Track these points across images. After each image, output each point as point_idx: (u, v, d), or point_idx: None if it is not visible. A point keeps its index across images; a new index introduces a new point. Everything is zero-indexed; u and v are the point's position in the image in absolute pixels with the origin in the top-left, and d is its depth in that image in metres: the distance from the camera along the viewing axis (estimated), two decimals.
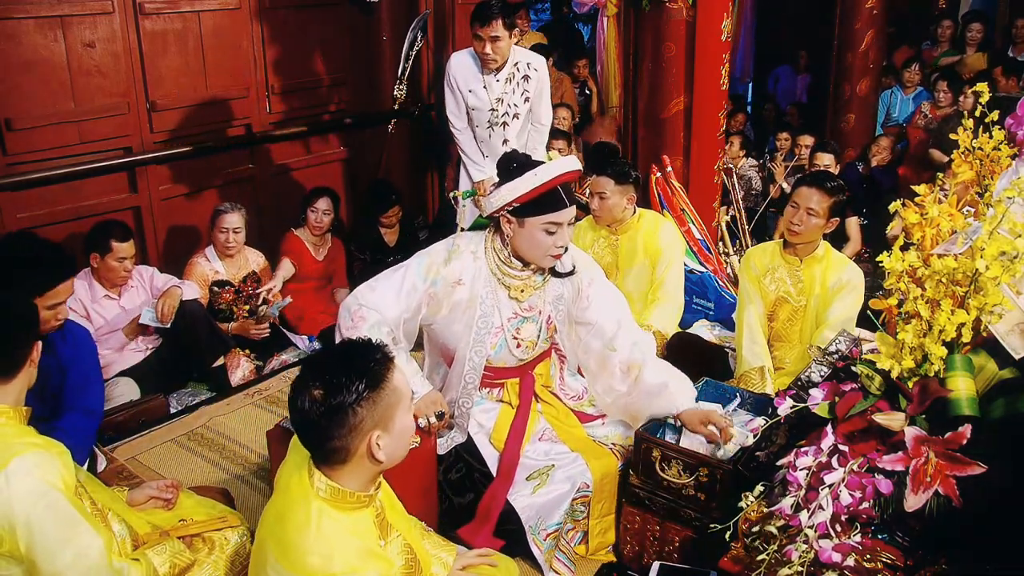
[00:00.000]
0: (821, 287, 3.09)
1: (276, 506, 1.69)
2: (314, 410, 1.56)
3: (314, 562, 1.56)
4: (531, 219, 2.36)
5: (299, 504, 1.63)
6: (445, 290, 2.47)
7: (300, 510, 1.62)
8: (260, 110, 4.53)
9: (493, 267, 2.50)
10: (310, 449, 1.64)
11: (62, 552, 1.70)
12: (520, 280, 2.51)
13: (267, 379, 3.86)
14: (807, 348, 2.89)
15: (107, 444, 3.19)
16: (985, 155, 2.12)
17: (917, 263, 1.84)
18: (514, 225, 2.40)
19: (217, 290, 3.99)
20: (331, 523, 1.61)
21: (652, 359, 2.62)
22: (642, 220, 3.61)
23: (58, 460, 1.79)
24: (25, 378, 1.93)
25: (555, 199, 2.35)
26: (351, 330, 2.40)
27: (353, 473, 1.65)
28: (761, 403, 2.67)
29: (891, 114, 6.53)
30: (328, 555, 1.57)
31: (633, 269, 3.63)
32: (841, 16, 5.92)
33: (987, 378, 1.81)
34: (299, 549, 1.58)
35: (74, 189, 3.83)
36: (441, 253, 2.51)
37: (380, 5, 4.88)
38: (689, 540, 2.42)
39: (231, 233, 4.01)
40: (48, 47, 3.64)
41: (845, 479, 1.81)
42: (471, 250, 2.50)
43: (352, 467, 1.64)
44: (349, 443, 1.59)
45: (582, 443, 2.61)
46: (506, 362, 2.60)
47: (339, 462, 1.62)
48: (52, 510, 1.71)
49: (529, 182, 2.32)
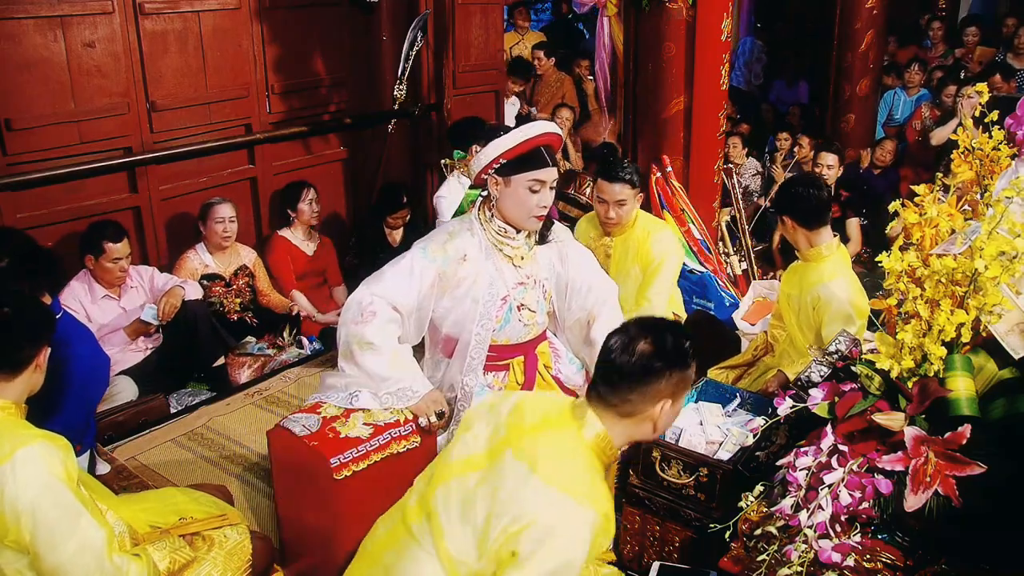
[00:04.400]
0: (796, 286, 3.04)
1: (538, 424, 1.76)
2: (635, 362, 1.66)
3: (580, 486, 1.64)
4: (516, 176, 2.46)
5: (566, 436, 1.72)
6: (452, 268, 2.52)
7: (568, 442, 1.71)
8: (260, 110, 4.53)
9: (491, 237, 2.57)
10: (605, 389, 1.71)
11: (65, 543, 1.71)
12: (516, 247, 2.59)
13: (267, 379, 3.86)
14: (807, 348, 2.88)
15: (107, 444, 3.19)
16: (985, 155, 2.12)
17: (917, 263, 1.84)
18: (500, 185, 2.49)
19: (207, 283, 4.00)
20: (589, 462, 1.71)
21: (605, 314, 2.73)
22: (636, 224, 3.51)
23: (61, 451, 1.80)
24: (28, 381, 1.92)
25: (539, 157, 2.46)
26: (359, 324, 2.41)
27: (625, 432, 1.73)
28: (761, 403, 2.67)
29: (893, 115, 6.53)
30: (593, 488, 1.66)
31: (622, 273, 3.55)
32: (841, 16, 5.92)
33: (987, 378, 1.81)
34: (566, 472, 1.66)
35: (74, 189, 3.83)
36: (440, 236, 2.59)
37: (380, 5, 4.87)
38: (689, 540, 2.42)
39: (227, 223, 4.03)
40: (48, 47, 3.64)
41: (845, 479, 1.81)
42: (466, 228, 2.59)
43: (628, 425, 1.72)
44: (643, 404, 1.69)
45: None
46: (510, 337, 2.63)
47: (624, 415, 1.71)
48: (57, 501, 1.72)
49: (516, 137, 2.44)
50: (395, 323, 2.46)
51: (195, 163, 4.29)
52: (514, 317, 2.60)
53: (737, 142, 5.97)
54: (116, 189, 4.01)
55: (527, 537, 1.57)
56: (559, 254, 2.72)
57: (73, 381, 2.57)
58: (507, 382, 2.66)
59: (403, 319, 2.49)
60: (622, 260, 3.56)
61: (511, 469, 1.69)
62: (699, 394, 2.78)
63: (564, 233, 2.81)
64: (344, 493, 2.23)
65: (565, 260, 2.73)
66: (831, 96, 6.15)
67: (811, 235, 2.95)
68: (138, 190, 4.06)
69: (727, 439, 2.47)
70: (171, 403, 3.62)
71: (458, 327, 2.56)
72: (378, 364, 2.41)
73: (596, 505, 1.62)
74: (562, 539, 1.58)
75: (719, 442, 2.48)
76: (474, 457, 1.80)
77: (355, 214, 5.14)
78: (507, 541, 1.60)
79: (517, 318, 2.60)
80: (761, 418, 2.15)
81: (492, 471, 1.73)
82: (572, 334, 2.83)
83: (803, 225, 2.94)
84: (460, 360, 2.58)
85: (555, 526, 1.58)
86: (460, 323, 2.55)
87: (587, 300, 2.74)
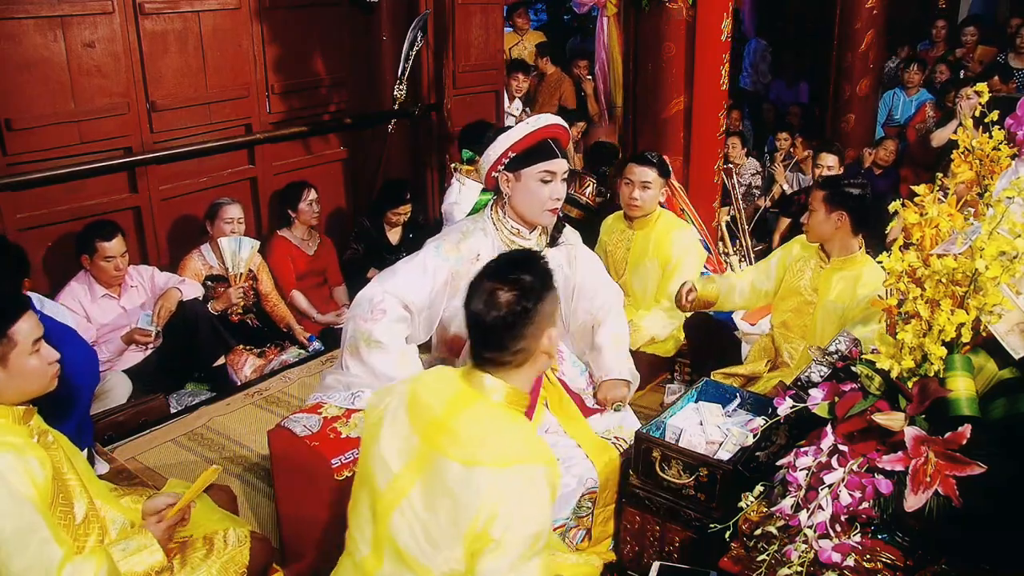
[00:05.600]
0: (847, 295, 2.95)
1: (437, 426, 1.67)
2: (507, 313, 1.62)
3: (519, 450, 1.62)
4: (527, 170, 2.48)
5: (479, 410, 1.66)
6: (465, 267, 2.52)
7: (484, 414, 1.66)
8: (260, 110, 4.53)
9: (505, 237, 2.58)
10: (493, 354, 1.67)
11: (17, 557, 1.69)
12: (529, 247, 2.58)
13: (267, 379, 3.86)
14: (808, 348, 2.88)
15: (107, 444, 3.19)
16: (985, 155, 2.12)
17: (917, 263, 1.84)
18: (511, 181, 2.51)
19: (211, 284, 4.00)
20: (513, 420, 1.69)
21: (611, 319, 2.78)
22: (659, 220, 3.65)
23: (33, 463, 1.77)
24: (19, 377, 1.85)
25: (547, 148, 2.48)
26: (367, 322, 2.41)
27: (525, 375, 1.72)
28: (761, 403, 2.67)
29: (893, 115, 6.53)
30: (529, 445, 1.65)
31: (640, 267, 3.64)
32: (841, 16, 5.92)
33: (987, 378, 1.81)
34: (500, 445, 1.62)
35: (74, 189, 3.83)
36: (454, 235, 2.61)
37: (380, 5, 4.87)
38: (689, 540, 2.42)
39: (236, 224, 4.05)
40: (48, 47, 3.64)
41: (845, 479, 1.81)
42: (480, 228, 2.61)
43: (526, 368, 1.70)
44: (532, 343, 1.67)
45: (585, 438, 2.62)
46: None
47: (520, 363, 1.69)
48: (13, 514, 1.69)
49: (523, 129, 2.47)
50: (404, 322, 2.46)
51: (195, 163, 4.29)
52: None
53: (736, 142, 5.97)
54: (116, 189, 4.01)
55: (498, 524, 1.55)
56: (568, 256, 2.74)
57: (60, 384, 2.56)
58: None
59: (413, 317, 2.49)
60: (641, 253, 3.64)
61: (450, 473, 1.60)
62: (699, 394, 2.78)
63: (574, 236, 2.83)
64: (345, 494, 2.22)
65: (574, 263, 2.75)
66: (831, 96, 6.15)
67: (861, 238, 2.96)
68: (138, 190, 4.06)
69: (727, 439, 2.47)
70: (171, 403, 3.61)
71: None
72: (384, 363, 2.41)
73: (540, 458, 1.62)
74: (528, 507, 1.58)
75: (719, 442, 2.48)
76: (398, 480, 1.67)
77: (355, 214, 5.14)
78: (480, 537, 1.56)
79: None
80: (761, 418, 2.15)
81: (431, 484, 1.63)
82: (577, 338, 2.83)
83: (861, 226, 2.91)
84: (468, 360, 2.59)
85: (518, 500, 1.57)
86: None
87: (593, 304, 2.76)
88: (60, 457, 1.94)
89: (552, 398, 2.69)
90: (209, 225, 4.08)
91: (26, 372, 1.85)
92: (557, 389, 2.70)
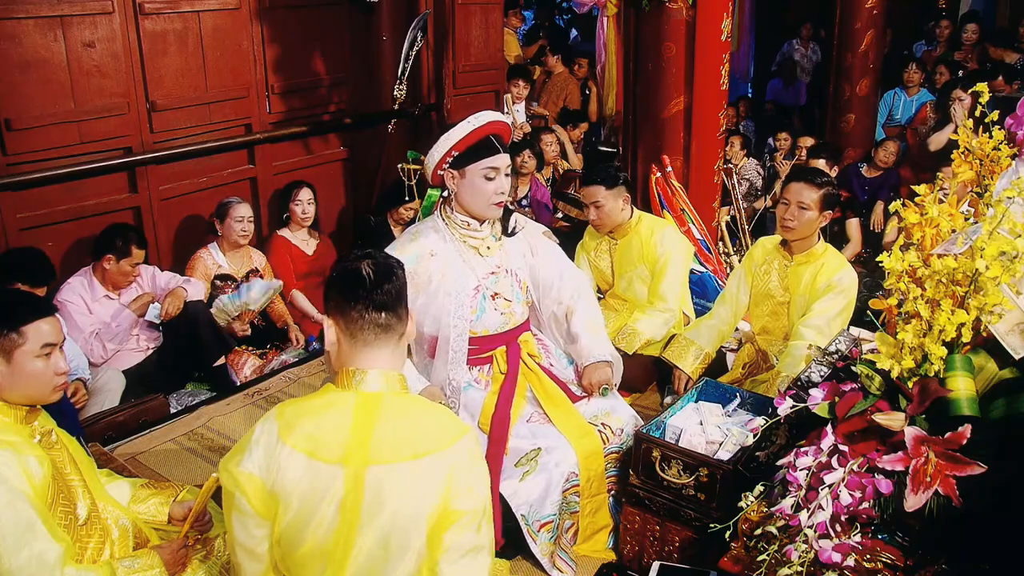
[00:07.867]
0: (810, 287, 3.05)
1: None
2: (392, 277, 1.64)
3: (450, 428, 1.62)
4: (471, 167, 2.53)
5: (387, 407, 1.60)
6: (423, 265, 2.59)
7: (393, 410, 1.60)
8: (260, 110, 4.53)
9: (455, 232, 2.64)
10: (394, 320, 1.63)
11: (16, 554, 1.69)
12: (482, 238, 2.65)
13: (267, 379, 3.86)
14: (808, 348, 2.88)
15: (107, 444, 3.19)
16: (985, 155, 2.12)
17: (917, 263, 1.84)
18: (456, 178, 2.57)
19: (220, 284, 4.01)
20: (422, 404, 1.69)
21: (582, 306, 2.81)
22: (640, 224, 3.58)
23: (31, 461, 1.78)
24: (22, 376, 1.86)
25: (490, 145, 2.54)
26: None
27: (402, 349, 1.69)
28: (761, 403, 2.67)
29: (893, 115, 6.52)
30: (451, 420, 1.67)
31: (628, 274, 3.60)
32: (841, 16, 5.92)
33: (987, 378, 1.81)
34: (421, 431, 1.60)
35: (74, 189, 3.83)
36: (405, 237, 2.69)
37: (380, 5, 4.87)
38: (689, 540, 2.42)
39: (245, 222, 4.08)
40: (48, 47, 3.64)
41: (845, 479, 1.81)
42: (430, 227, 2.67)
43: (404, 338, 1.68)
44: (405, 309, 1.67)
45: (569, 425, 2.62)
46: (489, 327, 2.67)
47: (402, 333, 1.67)
48: (9, 512, 1.70)
49: (464, 128, 2.51)
50: None
51: (195, 163, 4.30)
52: (489, 306, 2.65)
53: (736, 142, 5.97)
54: (116, 189, 4.01)
55: (461, 496, 1.55)
56: (530, 246, 2.81)
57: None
58: (492, 374, 2.68)
59: None
60: (625, 261, 3.62)
61: (386, 483, 1.53)
62: (699, 394, 2.78)
63: (532, 226, 2.88)
64: None
65: (536, 251, 2.81)
66: (831, 96, 6.15)
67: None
68: (138, 190, 4.06)
69: (727, 439, 2.47)
70: (171, 403, 3.61)
71: (436, 323, 2.62)
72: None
73: (460, 424, 1.65)
74: (476, 473, 1.59)
75: (719, 442, 2.48)
76: (340, 533, 1.54)
77: (355, 213, 5.14)
78: (446, 515, 1.54)
79: (493, 307, 2.66)
80: (761, 418, 2.14)
81: (374, 512, 1.53)
82: (552, 330, 2.88)
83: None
84: (443, 356, 2.62)
85: (469, 468, 1.57)
86: (438, 318, 2.61)
87: (561, 292, 2.80)
88: (63, 457, 1.93)
89: (536, 385, 2.70)
90: (218, 223, 4.09)
91: (27, 372, 1.85)
92: (541, 376, 2.72)
